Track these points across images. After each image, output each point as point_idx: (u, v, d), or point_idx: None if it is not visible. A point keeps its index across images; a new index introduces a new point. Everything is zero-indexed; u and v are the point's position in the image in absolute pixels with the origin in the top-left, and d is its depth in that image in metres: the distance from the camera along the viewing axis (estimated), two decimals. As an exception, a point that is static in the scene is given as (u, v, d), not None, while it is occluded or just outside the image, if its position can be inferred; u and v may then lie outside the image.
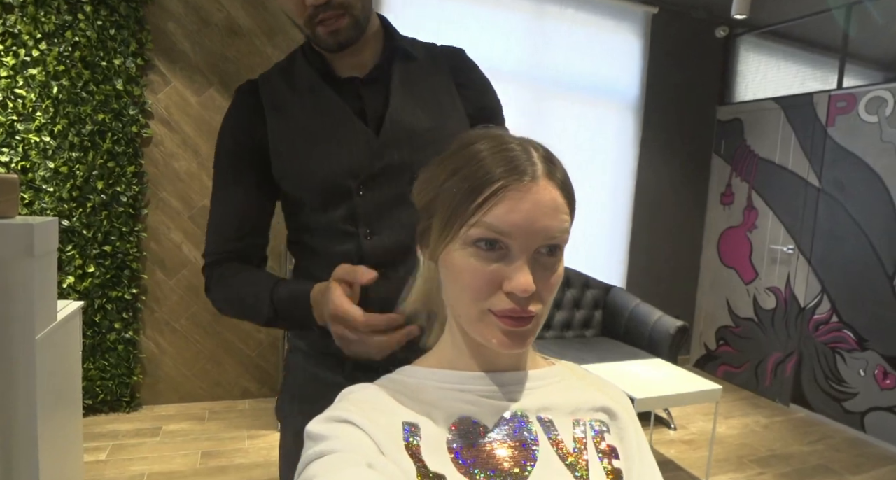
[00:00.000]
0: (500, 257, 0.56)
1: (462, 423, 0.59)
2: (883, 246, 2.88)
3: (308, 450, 0.55)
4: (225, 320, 3.02)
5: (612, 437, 0.65)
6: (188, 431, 2.70)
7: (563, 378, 0.69)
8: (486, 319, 0.58)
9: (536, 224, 0.55)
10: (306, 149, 0.87)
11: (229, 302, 0.90)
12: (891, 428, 2.80)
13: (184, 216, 2.92)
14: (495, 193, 0.55)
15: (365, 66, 0.90)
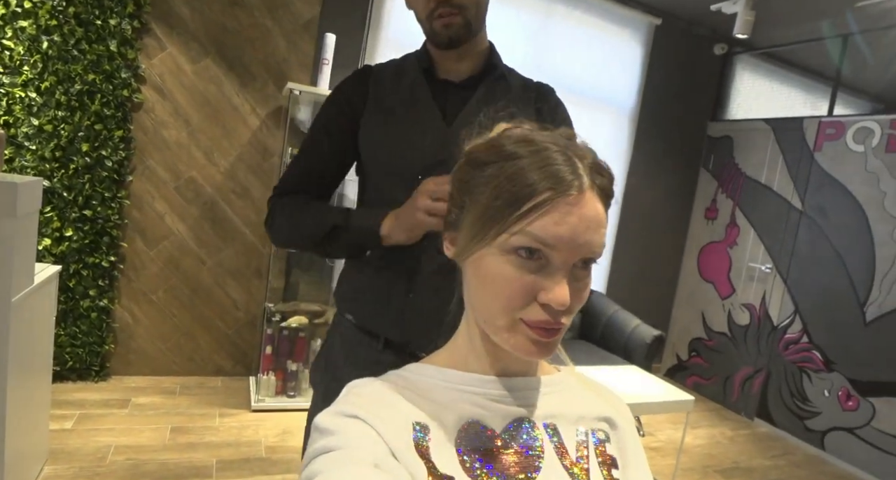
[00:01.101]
0: (539, 268, 0.55)
1: (471, 426, 0.59)
2: (858, 274, 2.97)
3: (315, 443, 0.54)
4: (203, 295, 2.96)
5: (612, 447, 0.66)
6: (158, 405, 2.65)
7: (568, 385, 0.69)
8: (516, 328, 0.57)
9: (580, 238, 0.55)
10: (391, 135, 1.01)
11: (294, 215, 1.02)
12: (849, 449, 2.89)
13: (169, 186, 2.85)
14: (541, 205, 0.54)
15: (462, 75, 1.05)
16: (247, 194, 2.98)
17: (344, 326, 1.08)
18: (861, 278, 2.94)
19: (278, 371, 2.87)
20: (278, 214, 1.04)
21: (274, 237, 1.08)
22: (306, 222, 1.00)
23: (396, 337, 1.01)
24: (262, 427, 2.58)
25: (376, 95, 1.04)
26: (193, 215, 2.90)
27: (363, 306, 1.05)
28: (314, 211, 1.01)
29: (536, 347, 0.57)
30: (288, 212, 1.03)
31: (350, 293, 1.09)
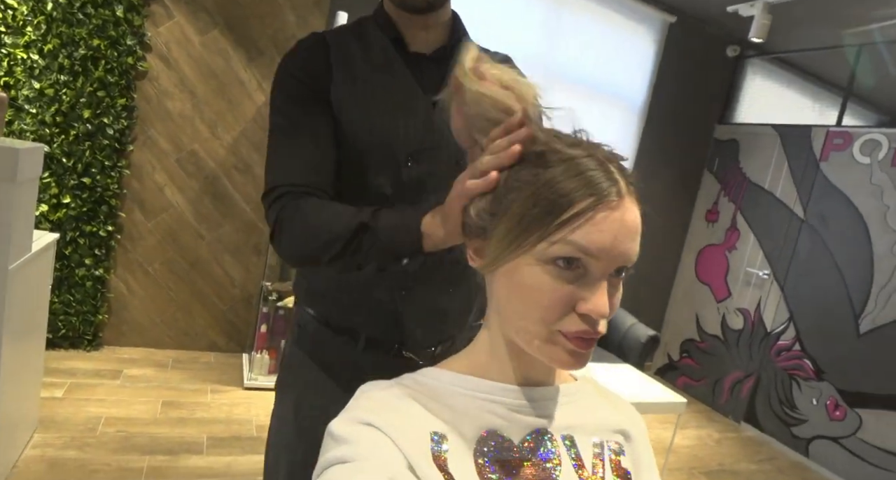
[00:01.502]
0: (577, 277, 0.53)
1: (490, 436, 0.58)
2: (854, 285, 2.98)
3: (328, 452, 0.53)
4: (200, 270, 2.94)
5: (626, 460, 0.65)
6: (150, 378, 2.64)
7: (585, 394, 0.69)
8: (554, 339, 0.55)
9: (621, 246, 0.53)
10: (371, 110, 0.88)
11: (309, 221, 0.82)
12: (833, 457, 2.93)
13: (171, 158, 2.81)
14: (583, 213, 0.52)
15: (430, 45, 0.94)
16: (249, 170, 2.94)
17: (308, 323, 0.98)
18: (858, 290, 2.96)
19: (272, 349, 2.86)
20: (288, 222, 0.83)
21: (285, 251, 0.86)
22: (324, 227, 0.80)
23: (384, 337, 0.94)
24: (254, 406, 2.58)
25: (345, 70, 0.89)
26: (194, 188, 2.86)
27: (338, 302, 0.95)
28: (332, 212, 0.82)
29: (574, 358, 0.56)
30: (301, 218, 0.83)
31: (320, 287, 0.97)
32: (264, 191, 0.87)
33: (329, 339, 0.96)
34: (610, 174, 0.54)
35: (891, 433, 2.71)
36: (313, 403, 0.94)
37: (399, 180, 0.89)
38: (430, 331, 0.96)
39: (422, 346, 0.95)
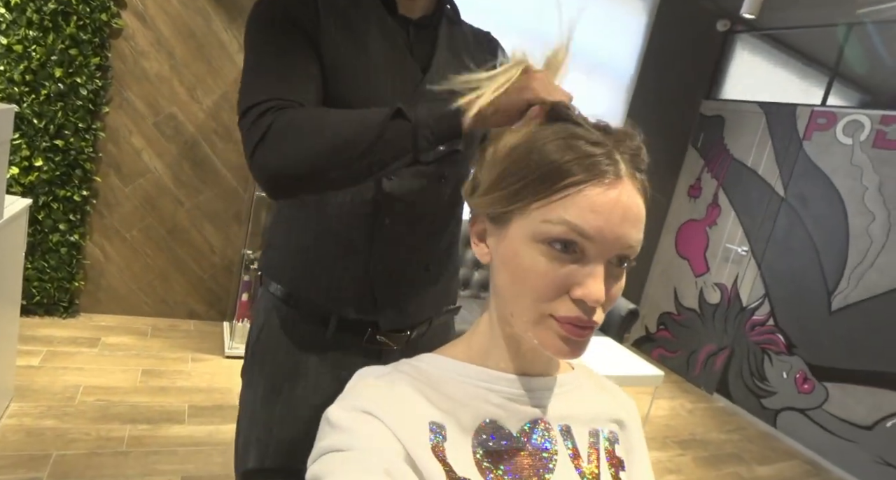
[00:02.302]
0: (573, 260, 0.53)
1: (488, 427, 0.58)
2: (829, 264, 3.05)
3: (324, 439, 0.53)
4: (179, 237, 2.88)
5: (620, 449, 0.67)
6: (129, 346, 2.61)
7: (581, 383, 0.69)
8: (545, 323, 0.55)
9: (617, 229, 0.52)
10: (364, 63, 0.83)
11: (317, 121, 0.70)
12: (799, 428, 3.05)
13: (148, 121, 2.71)
14: (574, 184, 0.52)
15: (417, 11, 0.90)
16: (230, 136, 2.86)
17: (275, 306, 0.92)
18: (832, 268, 3.03)
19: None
20: (283, 130, 0.69)
21: (279, 160, 0.69)
22: (351, 120, 0.69)
23: (357, 318, 0.89)
24: (236, 375, 2.54)
25: (335, 17, 0.82)
26: (172, 153, 2.78)
27: (309, 276, 0.88)
28: (342, 114, 0.71)
29: (567, 345, 0.55)
30: (312, 117, 0.71)
31: (291, 260, 0.90)
32: (243, 109, 0.73)
33: (298, 322, 0.90)
34: (611, 155, 0.54)
35: (854, 405, 2.83)
36: (283, 390, 0.90)
37: None
38: (406, 313, 0.92)
39: (396, 329, 0.92)
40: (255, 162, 0.71)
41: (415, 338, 0.95)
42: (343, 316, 0.89)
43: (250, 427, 0.93)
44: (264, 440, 0.91)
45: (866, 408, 2.78)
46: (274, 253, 0.94)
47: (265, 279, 0.95)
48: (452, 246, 0.99)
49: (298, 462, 0.93)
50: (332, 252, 0.87)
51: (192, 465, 1.92)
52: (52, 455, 1.81)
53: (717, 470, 2.62)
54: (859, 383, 2.82)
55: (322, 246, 0.88)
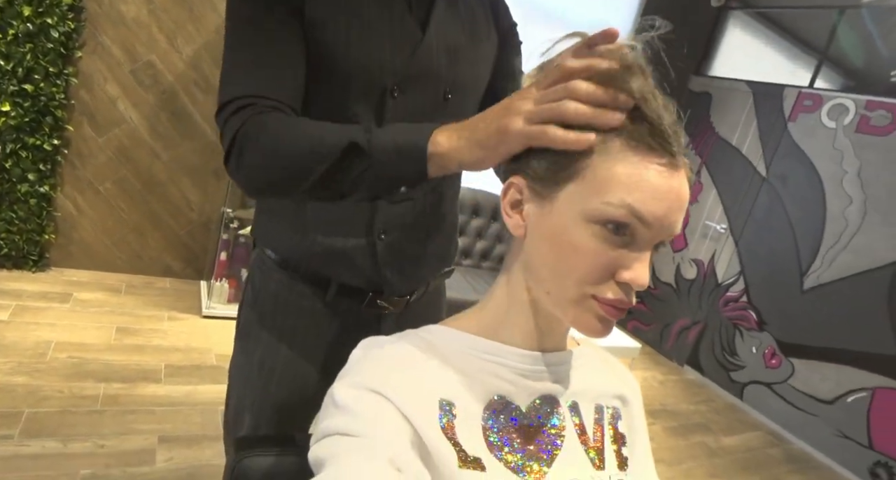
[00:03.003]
0: (623, 244, 0.52)
1: (497, 403, 0.58)
2: (804, 244, 3.12)
3: (328, 419, 0.51)
4: (155, 191, 2.78)
5: (623, 425, 0.67)
6: (102, 302, 2.53)
7: (588, 359, 0.69)
8: (585, 304, 0.54)
9: (672, 217, 0.52)
10: (356, 28, 0.76)
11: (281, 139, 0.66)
12: (764, 401, 3.17)
13: (125, 68, 2.57)
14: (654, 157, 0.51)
15: None
16: (210, 88, 2.74)
17: (270, 269, 0.89)
18: (807, 249, 3.10)
19: (232, 278, 2.79)
20: (252, 140, 0.67)
21: (246, 176, 0.69)
22: (302, 146, 0.65)
23: (358, 284, 0.87)
24: (214, 335, 2.53)
25: None
26: (149, 103, 2.65)
27: (306, 245, 0.85)
28: (310, 128, 0.67)
29: (603, 325, 0.55)
30: (270, 137, 0.66)
31: (287, 229, 0.86)
32: (218, 106, 0.71)
33: (295, 287, 0.87)
34: (678, 137, 0.53)
35: (818, 381, 2.94)
36: (279, 355, 0.88)
37: (382, 113, 0.78)
38: (407, 278, 0.90)
39: (397, 294, 0.90)
40: (228, 168, 0.71)
41: (413, 302, 0.94)
42: (343, 282, 0.86)
43: (244, 393, 0.91)
44: (259, 404, 0.89)
45: (829, 384, 2.89)
46: (267, 219, 0.90)
47: (259, 244, 0.92)
48: (451, 209, 0.96)
49: (293, 427, 0.92)
50: (331, 218, 0.84)
51: (169, 425, 1.89)
52: (24, 413, 1.76)
53: (685, 440, 2.72)
54: (825, 360, 2.92)
55: (321, 215, 0.84)
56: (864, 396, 2.76)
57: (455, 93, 0.84)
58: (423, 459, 0.51)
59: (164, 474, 1.67)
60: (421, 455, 0.51)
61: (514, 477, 0.54)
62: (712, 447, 2.72)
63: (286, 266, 0.87)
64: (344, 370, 0.58)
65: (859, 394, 2.78)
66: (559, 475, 0.57)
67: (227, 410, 0.97)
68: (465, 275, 3.08)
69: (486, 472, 0.53)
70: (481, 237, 3.38)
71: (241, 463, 0.63)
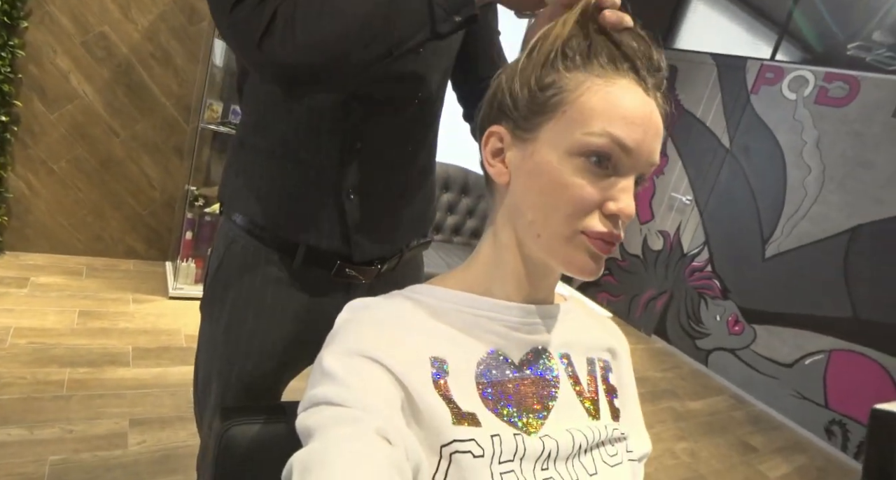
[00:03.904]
0: (606, 176, 0.53)
1: (490, 357, 0.58)
2: (766, 214, 3.21)
3: (316, 386, 0.50)
4: (114, 169, 2.67)
5: (613, 377, 0.69)
6: (63, 286, 2.44)
7: (578, 313, 0.70)
8: (576, 240, 0.54)
9: (649, 145, 0.53)
10: None
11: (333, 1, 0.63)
12: (728, 366, 3.29)
13: (75, 40, 2.44)
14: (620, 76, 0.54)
15: None
16: (168, 61, 2.62)
17: (237, 235, 0.86)
18: (768, 218, 3.19)
19: (198, 258, 2.71)
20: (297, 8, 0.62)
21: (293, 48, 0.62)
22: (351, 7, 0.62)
23: (327, 248, 0.84)
24: (182, 316, 2.47)
25: None
26: (104, 77, 2.53)
27: (275, 204, 0.83)
28: None
29: (594, 262, 0.55)
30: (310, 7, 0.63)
31: (255, 187, 0.84)
32: (231, 2, 0.63)
33: (262, 253, 0.85)
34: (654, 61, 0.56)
35: (779, 345, 3.06)
36: (245, 322, 0.86)
37: None
38: (378, 242, 0.88)
39: (367, 261, 0.88)
40: (265, 54, 0.62)
41: (385, 272, 0.92)
42: (312, 245, 0.84)
43: (210, 362, 0.89)
44: (225, 374, 0.88)
45: (789, 348, 3.01)
46: (235, 182, 0.87)
47: (225, 209, 0.89)
48: (427, 171, 0.95)
49: (259, 397, 0.90)
50: (301, 178, 0.82)
51: (139, 408, 1.85)
52: (-14, 400, 1.70)
53: (654, 405, 2.80)
54: (785, 325, 3.04)
55: (289, 173, 0.82)
56: (820, 358, 2.89)
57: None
58: (416, 421, 0.51)
59: (137, 457, 1.63)
60: (414, 418, 0.51)
61: (511, 430, 0.54)
62: (679, 411, 2.81)
63: (254, 230, 0.85)
64: (331, 334, 0.57)
65: (816, 357, 2.91)
66: (556, 425, 0.57)
67: (195, 382, 0.95)
68: (438, 250, 3.08)
69: (481, 427, 0.52)
70: (452, 212, 3.37)
71: (228, 432, 0.61)
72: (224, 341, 0.86)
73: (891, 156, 2.75)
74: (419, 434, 0.50)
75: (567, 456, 0.56)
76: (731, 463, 2.45)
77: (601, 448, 0.60)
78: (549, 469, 0.55)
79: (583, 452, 0.58)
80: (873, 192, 2.80)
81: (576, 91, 0.53)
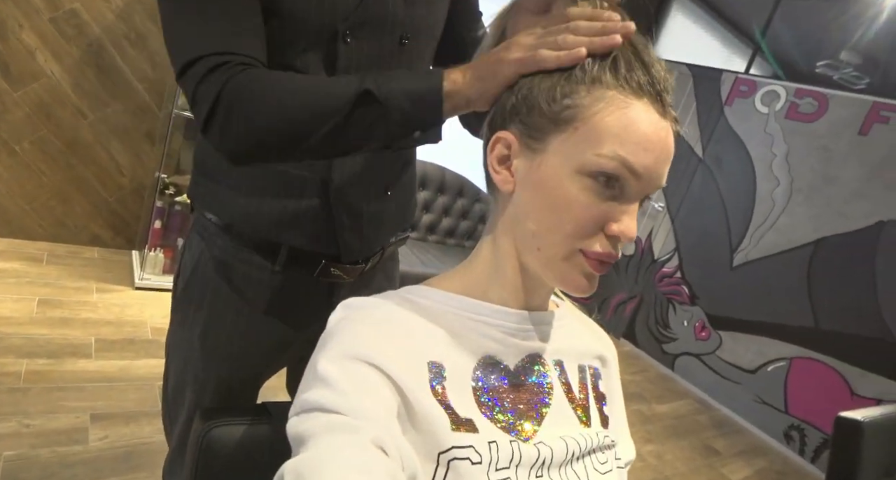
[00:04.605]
0: (612, 197, 0.52)
1: (486, 362, 0.57)
2: (735, 223, 3.29)
3: (309, 390, 0.48)
4: (81, 154, 2.57)
5: (603, 384, 0.69)
6: (21, 272, 2.34)
7: (570, 320, 0.70)
8: (574, 259, 0.54)
9: (659, 170, 0.53)
10: None
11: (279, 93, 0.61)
12: (693, 371, 3.35)
13: (43, 16, 2.34)
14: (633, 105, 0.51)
15: None
16: (143, 43, 2.54)
17: (213, 234, 0.82)
18: (737, 228, 3.27)
19: (167, 248, 2.64)
20: (241, 99, 0.61)
21: (237, 143, 0.63)
22: (308, 103, 0.61)
23: (310, 249, 0.81)
24: (148, 307, 2.39)
25: None
26: (73, 57, 2.43)
27: (253, 208, 0.78)
28: (308, 83, 0.64)
29: (588, 281, 0.55)
30: (263, 93, 0.61)
31: (228, 192, 0.79)
32: (181, 66, 0.62)
33: (240, 253, 0.81)
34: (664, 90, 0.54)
35: (743, 352, 3.14)
36: (224, 326, 0.82)
37: (334, 61, 0.72)
38: (367, 240, 0.86)
39: (354, 259, 0.86)
40: (210, 137, 0.63)
41: (368, 270, 0.90)
42: (295, 246, 0.80)
43: (184, 369, 0.85)
44: (202, 379, 0.84)
45: (752, 354, 3.09)
46: (206, 181, 0.82)
47: (198, 207, 0.84)
48: (409, 165, 0.93)
49: (236, 401, 0.87)
50: (282, 178, 0.77)
51: (102, 401, 1.78)
52: (-64, 390, 1.61)
53: (621, 408, 2.84)
54: (749, 332, 3.12)
55: (271, 174, 0.77)
56: (782, 365, 2.97)
57: (412, 39, 0.78)
58: (414, 426, 0.50)
59: (99, 453, 1.57)
60: (412, 423, 0.50)
61: (507, 437, 0.54)
62: (647, 414, 2.86)
63: (230, 230, 0.80)
64: (325, 335, 0.55)
65: (778, 364, 2.99)
66: (549, 432, 0.57)
67: (165, 386, 0.91)
68: (413, 248, 3.06)
69: (478, 433, 0.52)
70: (428, 210, 3.35)
71: (210, 433, 0.59)
72: (201, 346, 0.83)
73: (856, 173, 2.85)
74: (416, 440, 0.49)
75: (560, 463, 0.56)
76: (695, 466, 2.50)
77: (592, 455, 0.61)
78: (544, 476, 0.55)
79: (575, 459, 0.58)
80: (838, 206, 2.89)
81: (591, 108, 0.52)
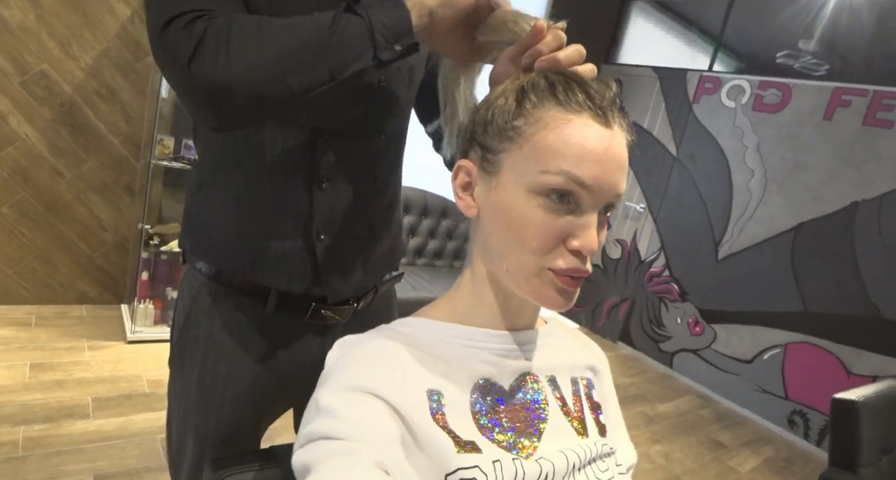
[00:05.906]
0: (568, 212, 0.54)
1: (482, 386, 0.59)
2: (716, 217, 3.34)
3: (312, 423, 0.50)
4: (61, 212, 2.57)
5: (596, 394, 0.71)
6: (10, 339, 2.31)
7: (559, 335, 0.71)
8: (543, 276, 0.56)
9: (611, 178, 0.54)
10: None
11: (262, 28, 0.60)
12: (692, 366, 3.38)
13: (13, 80, 2.35)
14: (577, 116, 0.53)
15: None
16: (114, 98, 2.55)
17: (202, 284, 0.83)
18: (718, 221, 3.33)
19: (156, 299, 2.62)
20: (225, 35, 0.59)
21: (226, 68, 0.58)
22: (293, 25, 0.61)
23: (299, 292, 0.81)
24: (142, 360, 2.37)
25: None
26: (46, 118, 2.44)
27: (240, 253, 0.80)
28: (283, 19, 0.62)
29: (563, 297, 0.56)
30: (244, 28, 0.60)
31: (217, 237, 0.81)
32: (161, 24, 0.60)
33: (231, 301, 0.82)
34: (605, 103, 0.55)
35: (736, 342, 3.17)
36: (219, 374, 0.83)
37: None
38: (351, 281, 0.87)
39: (342, 301, 0.87)
40: (195, 75, 0.58)
41: (361, 309, 0.91)
42: (284, 290, 0.81)
43: (185, 420, 0.86)
44: (202, 428, 0.84)
45: (747, 344, 3.12)
46: (196, 229, 0.84)
47: (189, 257, 0.86)
48: (394, 205, 0.94)
49: (240, 447, 0.88)
50: (267, 221, 0.79)
51: (104, 462, 1.76)
52: (-67, 468, 1.59)
53: (625, 411, 2.84)
54: (742, 323, 3.16)
55: (254, 217, 0.79)
56: (777, 352, 3.01)
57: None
58: (420, 449, 0.51)
59: (106, 514, 1.55)
60: (417, 447, 0.51)
61: (508, 455, 0.55)
62: (650, 415, 2.87)
63: (220, 278, 0.82)
64: (324, 373, 0.57)
65: (774, 351, 3.02)
66: (549, 446, 0.58)
67: (168, 438, 0.91)
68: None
69: (482, 453, 0.54)
70: (414, 234, 3.37)
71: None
72: (198, 394, 0.83)
73: (825, 157, 2.92)
74: (422, 464, 0.51)
75: (563, 476, 0.58)
76: (704, 461, 2.51)
77: (593, 464, 0.62)
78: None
79: (577, 470, 0.60)
80: (812, 191, 2.95)
81: (534, 126, 0.54)
